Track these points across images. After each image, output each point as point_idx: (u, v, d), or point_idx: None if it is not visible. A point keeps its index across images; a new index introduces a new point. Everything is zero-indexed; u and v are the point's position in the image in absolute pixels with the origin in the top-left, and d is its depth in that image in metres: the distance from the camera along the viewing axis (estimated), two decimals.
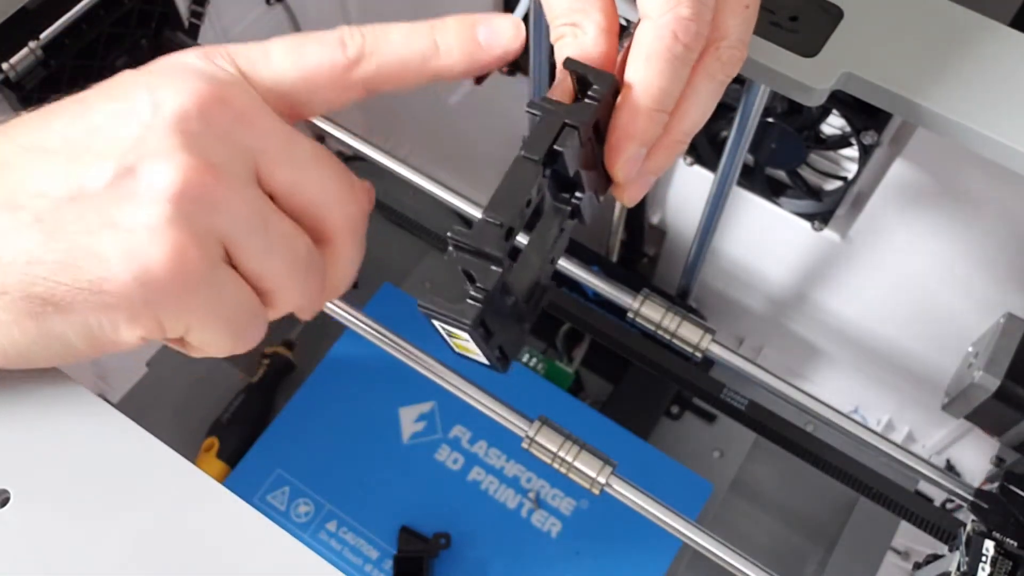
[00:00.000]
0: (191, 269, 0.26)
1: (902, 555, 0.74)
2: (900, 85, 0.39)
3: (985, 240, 0.60)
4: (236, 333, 0.29)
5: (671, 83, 0.32)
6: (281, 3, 0.74)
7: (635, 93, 0.32)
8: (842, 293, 0.73)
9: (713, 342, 0.44)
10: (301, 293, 0.30)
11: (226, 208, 0.27)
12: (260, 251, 0.28)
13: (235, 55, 0.30)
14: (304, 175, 0.29)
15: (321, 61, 0.30)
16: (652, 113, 0.32)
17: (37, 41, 0.48)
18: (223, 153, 0.27)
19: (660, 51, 0.31)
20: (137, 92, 0.28)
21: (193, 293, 0.27)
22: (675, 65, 0.31)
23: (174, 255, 0.26)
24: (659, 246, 0.81)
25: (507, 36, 0.31)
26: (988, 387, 0.44)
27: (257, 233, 0.28)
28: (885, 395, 0.79)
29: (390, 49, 0.30)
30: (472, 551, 0.67)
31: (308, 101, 0.30)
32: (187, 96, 0.27)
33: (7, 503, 0.30)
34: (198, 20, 0.63)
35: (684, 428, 0.80)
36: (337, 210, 0.30)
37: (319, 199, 0.29)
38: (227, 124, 0.27)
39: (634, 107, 0.31)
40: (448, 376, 0.42)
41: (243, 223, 0.27)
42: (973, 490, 0.44)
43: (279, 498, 0.69)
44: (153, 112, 0.27)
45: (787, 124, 0.60)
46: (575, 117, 0.30)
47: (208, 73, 0.29)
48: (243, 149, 0.28)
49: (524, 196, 0.29)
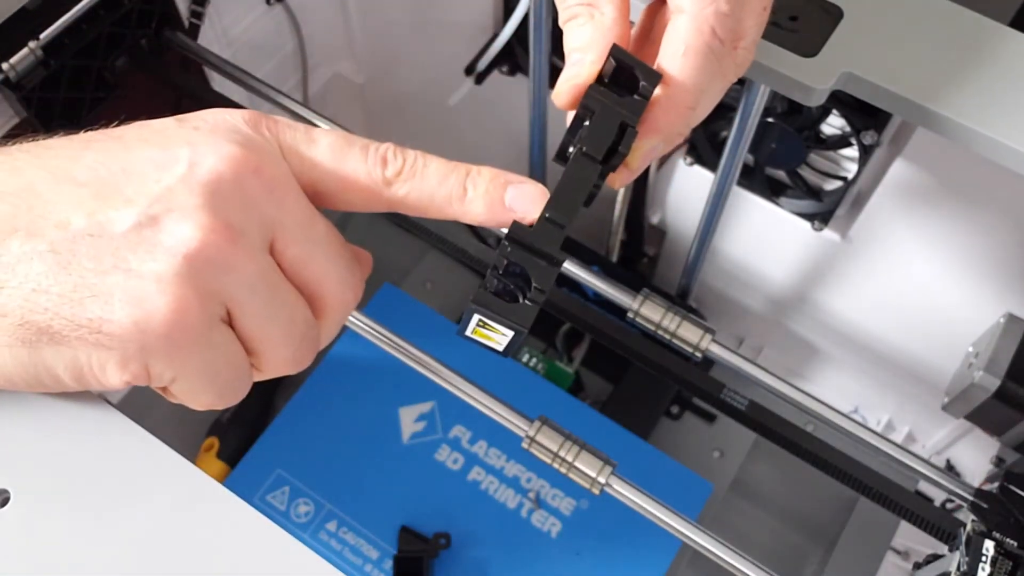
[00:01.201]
0: (190, 325, 0.27)
1: (902, 555, 0.74)
2: (900, 85, 0.39)
3: (985, 240, 0.60)
4: (220, 390, 0.30)
5: (707, 80, 0.32)
6: (281, 3, 0.74)
7: (672, 89, 0.31)
8: (842, 293, 0.73)
9: (713, 342, 0.44)
10: (291, 359, 0.30)
11: (237, 271, 0.27)
12: (261, 315, 0.29)
13: (281, 130, 0.30)
14: (315, 254, 0.29)
15: (359, 170, 0.30)
16: (686, 111, 0.32)
17: (37, 41, 0.48)
18: (245, 219, 0.28)
19: (699, 46, 0.31)
20: (178, 145, 0.29)
21: (187, 348, 0.27)
22: (711, 61, 0.31)
23: (177, 308, 0.27)
24: (659, 246, 0.81)
25: (531, 205, 0.31)
26: (988, 387, 0.44)
27: (262, 298, 0.28)
28: (885, 395, 0.79)
29: (424, 183, 0.31)
30: (472, 551, 0.67)
31: (333, 195, 0.31)
32: (225, 160, 0.28)
33: (7, 503, 0.30)
34: (198, 20, 0.63)
35: (684, 428, 0.79)
36: (337, 292, 0.30)
37: (323, 279, 0.30)
38: (256, 193, 0.28)
39: (671, 103, 0.32)
40: (448, 376, 0.42)
41: (250, 287, 0.28)
42: (973, 490, 0.44)
43: (279, 498, 0.69)
44: (189, 168, 0.28)
45: (787, 124, 0.60)
46: (631, 117, 0.30)
47: (250, 140, 0.29)
48: (265, 219, 0.28)
49: (583, 195, 0.29)
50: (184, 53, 0.59)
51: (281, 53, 0.78)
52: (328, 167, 0.30)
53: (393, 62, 0.86)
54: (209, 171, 0.28)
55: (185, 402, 0.30)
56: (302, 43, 0.79)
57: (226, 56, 0.66)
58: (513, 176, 0.31)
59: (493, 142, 0.85)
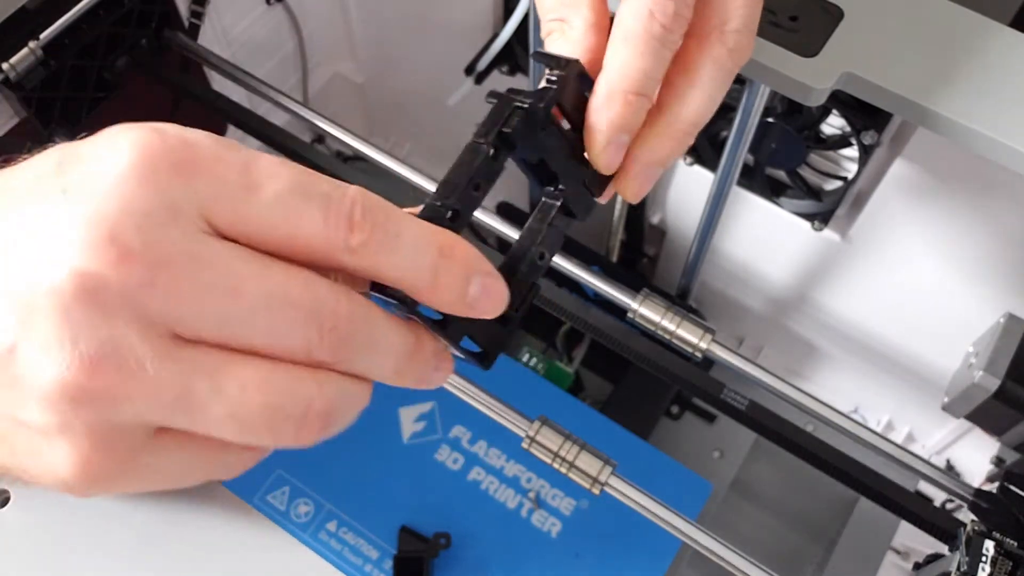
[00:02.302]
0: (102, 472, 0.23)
1: (902, 555, 0.73)
2: (900, 85, 0.39)
3: (985, 240, 0.60)
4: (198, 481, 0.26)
5: (649, 64, 0.31)
6: (281, 3, 0.74)
7: (610, 75, 0.31)
8: (842, 293, 0.73)
9: (713, 342, 0.44)
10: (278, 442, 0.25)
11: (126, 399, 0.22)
12: (192, 426, 0.23)
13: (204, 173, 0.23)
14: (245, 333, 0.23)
15: (315, 232, 0.24)
16: (629, 96, 0.30)
17: (37, 41, 0.48)
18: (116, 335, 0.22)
19: (637, 31, 0.30)
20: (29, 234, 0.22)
21: (120, 484, 0.24)
22: (653, 46, 0.30)
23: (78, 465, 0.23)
24: (659, 246, 0.81)
25: (490, 305, 0.26)
26: (988, 387, 0.44)
27: (179, 413, 0.23)
28: (885, 395, 0.79)
29: (393, 259, 0.25)
30: (472, 551, 0.67)
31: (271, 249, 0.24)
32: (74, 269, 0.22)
33: (7, 503, 0.30)
34: (198, 20, 0.63)
35: (684, 428, 0.79)
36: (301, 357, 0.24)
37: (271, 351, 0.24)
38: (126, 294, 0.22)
39: (610, 89, 0.31)
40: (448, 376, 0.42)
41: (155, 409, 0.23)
42: (973, 490, 0.44)
43: (279, 498, 0.68)
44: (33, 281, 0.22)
45: (787, 124, 0.60)
46: (526, 100, 0.29)
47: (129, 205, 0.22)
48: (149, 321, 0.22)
49: (467, 177, 0.27)
50: (184, 53, 0.59)
51: (281, 53, 0.78)
52: (272, 225, 0.23)
53: (393, 62, 0.86)
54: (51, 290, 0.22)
55: None
56: (302, 43, 0.79)
57: (226, 56, 0.66)
58: (482, 264, 0.26)
59: None
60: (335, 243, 0.24)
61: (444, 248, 0.25)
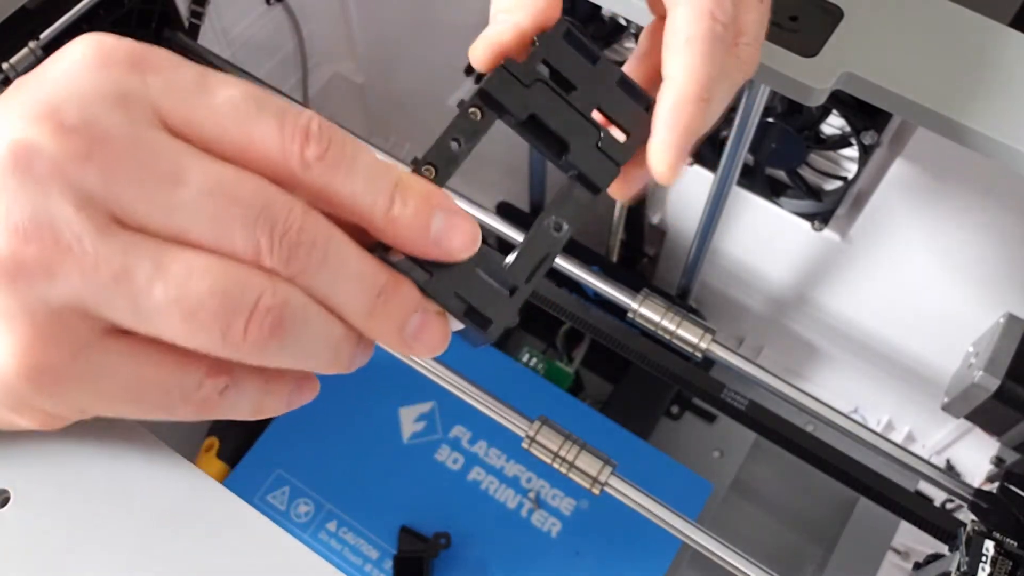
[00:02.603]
0: (44, 363, 0.22)
1: (902, 555, 0.74)
2: (900, 85, 0.39)
3: (985, 240, 0.60)
4: (156, 408, 0.24)
5: (713, 67, 0.30)
6: (281, 3, 0.74)
7: (678, 81, 0.30)
8: (842, 293, 0.73)
9: (713, 342, 0.44)
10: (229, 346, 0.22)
11: (63, 276, 0.21)
12: (134, 315, 0.22)
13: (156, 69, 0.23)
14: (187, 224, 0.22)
15: (269, 141, 0.23)
16: (699, 102, 0.30)
17: (37, 41, 0.48)
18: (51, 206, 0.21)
19: (702, 33, 0.29)
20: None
21: (64, 385, 0.23)
22: (716, 47, 0.30)
23: (19, 353, 0.22)
24: (659, 246, 0.81)
25: (460, 242, 0.25)
26: (988, 387, 0.44)
27: (118, 296, 0.22)
28: (885, 395, 0.79)
29: (349, 179, 0.24)
30: (472, 551, 0.67)
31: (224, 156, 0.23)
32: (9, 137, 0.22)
33: (7, 503, 0.30)
34: (198, 20, 0.63)
35: (684, 428, 0.79)
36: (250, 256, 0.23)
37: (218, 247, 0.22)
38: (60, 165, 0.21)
39: (680, 96, 0.29)
40: (448, 376, 0.42)
41: (93, 289, 0.21)
42: (973, 490, 0.44)
43: (279, 498, 0.69)
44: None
45: (787, 124, 0.60)
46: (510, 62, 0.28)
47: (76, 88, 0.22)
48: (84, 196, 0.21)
49: (447, 134, 0.27)
50: (184, 53, 0.59)
51: (281, 53, 0.78)
52: (223, 127, 0.23)
53: (393, 62, 0.86)
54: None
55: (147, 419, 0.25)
56: (302, 43, 0.79)
57: (226, 56, 0.66)
58: (444, 199, 0.25)
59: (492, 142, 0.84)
60: (290, 154, 0.23)
61: (402, 178, 0.24)
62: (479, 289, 0.26)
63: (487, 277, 0.27)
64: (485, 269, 0.27)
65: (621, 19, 0.64)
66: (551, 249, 0.28)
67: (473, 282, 0.26)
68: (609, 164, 0.30)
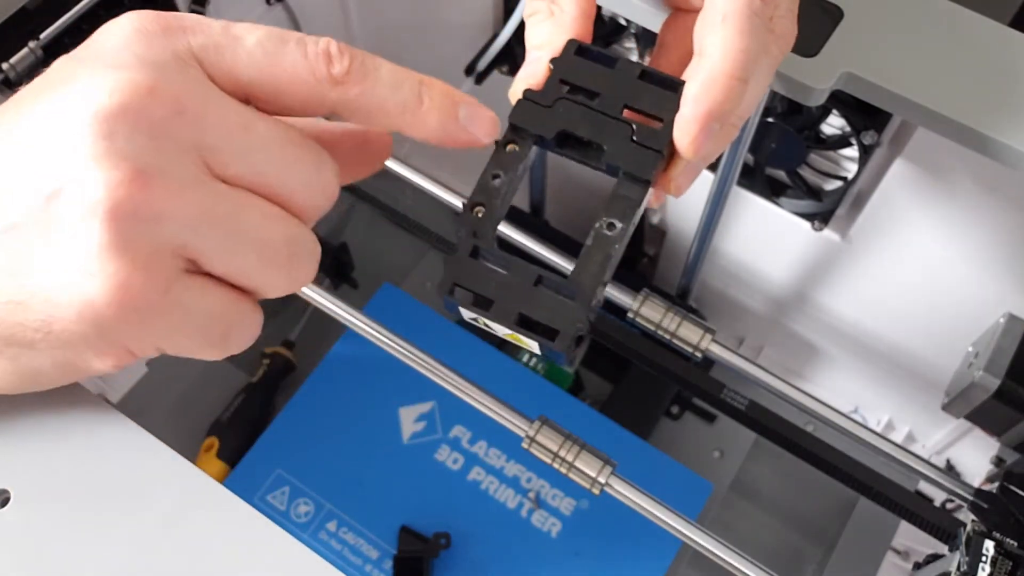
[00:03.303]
0: (140, 297, 0.24)
1: (902, 555, 0.74)
2: (900, 85, 0.39)
3: (985, 240, 0.60)
4: (217, 341, 0.27)
5: (752, 44, 0.29)
6: (281, 3, 0.74)
7: (712, 57, 0.29)
8: (842, 293, 0.73)
9: (713, 342, 0.44)
10: (286, 281, 0.27)
11: (170, 217, 0.24)
12: (224, 252, 0.25)
13: (192, 30, 0.26)
14: (262, 164, 0.26)
15: (299, 67, 0.26)
16: (732, 81, 0.28)
17: (37, 41, 0.48)
18: (158, 153, 0.24)
19: (739, 8, 0.29)
20: (62, 91, 0.25)
21: (151, 319, 0.25)
22: (755, 23, 0.29)
23: (117, 287, 0.24)
24: (659, 246, 0.81)
25: (484, 128, 0.29)
26: (988, 387, 0.44)
27: (214, 235, 0.25)
28: (885, 395, 0.79)
29: (377, 87, 0.27)
30: (472, 551, 0.67)
31: (266, 100, 0.27)
32: (111, 93, 0.24)
33: (7, 503, 0.30)
34: None
35: (684, 428, 0.79)
36: (303, 199, 0.27)
37: (282, 188, 0.26)
38: (160, 119, 0.24)
39: (712, 73, 0.28)
40: (448, 376, 0.42)
41: (194, 229, 0.24)
42: (973, 490, 0.44)
43: (279, 498, 0.69)
44: (75, 116, 0.24)
45: (787, 124, 0.60)
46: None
47: (140, 58, 0.25)
48: (184, 145, 0.25)
49: (486, 172, 0.29)
50: None
51: None
52: (259, 69, 0.26)
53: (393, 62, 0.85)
54: (95, 112, 0.24)
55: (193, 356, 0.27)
56: None
57: None
58: (464, 95, 0.29)
59: None
60: (319, 75, 0.27)
61: (424, 79, 0.28)
62: (543, 304, 0.28)
63: (550, 292, 0.28)
64: (548, 286, 0.28)
65: (621, 19, 0.64)
66: (609, 249, 0.29)
67: (535, 299, 0.28)
68: (649, 154, 0.30)
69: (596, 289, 0.28)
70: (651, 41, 0.62)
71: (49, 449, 0.31)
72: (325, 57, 0.27)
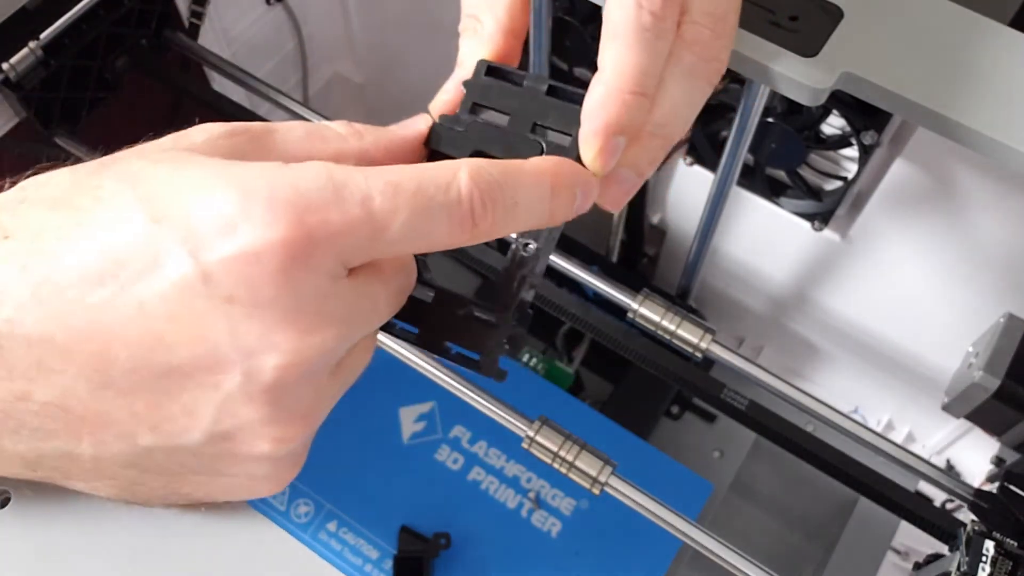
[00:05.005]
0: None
1: (902, 555, 0.74)
2: (900, 85, 0.39)
3: (985, 240, 0.60)
4: None
5: (643, 59, 0.29)
6: (281, 3, 0.74)
7: (605, 73, 0.29)
8: (842, 293, 0.73)
9: (713, 342, 0.44)
10: None
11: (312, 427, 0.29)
12: None
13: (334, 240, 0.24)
14: None
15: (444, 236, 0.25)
16: (625, 95, 0.29)
17: (37, 41, 0.48)
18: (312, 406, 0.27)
19: (627, 24, 0.29)
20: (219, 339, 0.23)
21: None
22: (645, 37, 0.29)
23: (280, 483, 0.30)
24: (659, 246, 0.81)
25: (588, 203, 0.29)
26: (988, 387, 0.44)
27: None
28: (885, 395, 0.79)
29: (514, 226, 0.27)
30: (472, 551, 0.67)
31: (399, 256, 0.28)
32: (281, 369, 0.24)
33: (7, 503, 0.30)
34: (198, 20, 0.63)
35: (684, 428, 0.79)
36: None
37: None
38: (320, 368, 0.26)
39: (606, 89, 0.29)
40: (448, 376, 0.42)
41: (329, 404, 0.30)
42: (973, 490, 0.44)
43: (279, 498, 0.68)
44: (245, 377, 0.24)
45: (787, 124, 0.60)
46: None
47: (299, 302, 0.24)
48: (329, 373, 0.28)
49: None
50: (184, 53, 0.59)
51: (281, 53, 0.78)
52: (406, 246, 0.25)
53: (393, 62, 0.86)
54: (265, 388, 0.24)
55: None
56: (302, 43, 0.79)
57: (226, 56, 0.66)
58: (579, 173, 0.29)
59: None
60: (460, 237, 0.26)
61: (555, 187, 0.28)
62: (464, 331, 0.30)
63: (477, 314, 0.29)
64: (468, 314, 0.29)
65: None
66: (526, 271, 0.30)
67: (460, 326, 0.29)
68: None
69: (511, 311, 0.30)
70: None
71: None
72: (471, 221, 0.26)
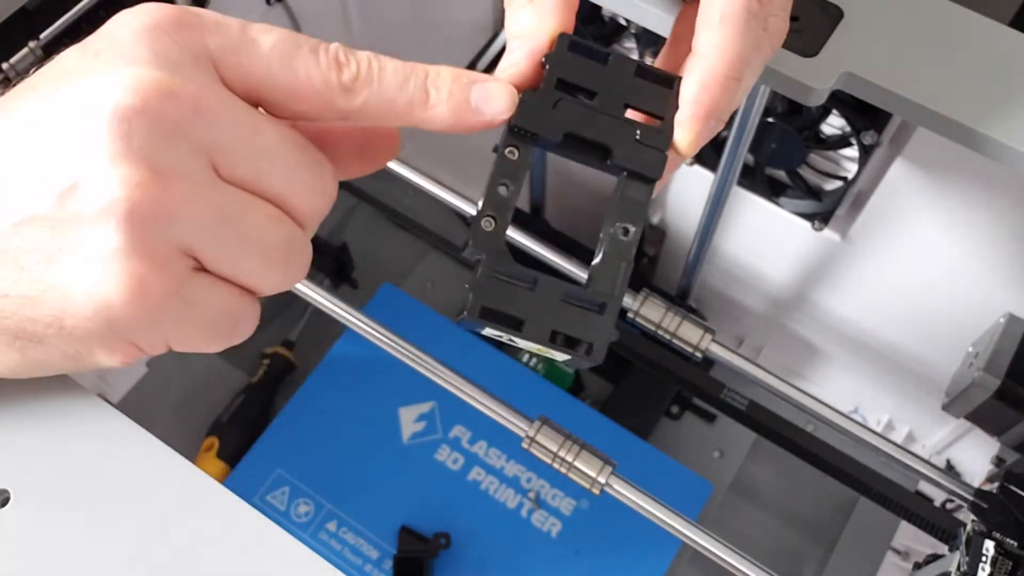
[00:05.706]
0: (154, 296, 0.24)
1: (902, 555, 0.74)
2: (900, 85, 0.39)
3: (985, 240, 0.60)
4: (222, 336, 0.27)
5: (746, 45, 0.29)
6: (281, 3, 0.74)
7: (709, 58, 0.29)
8: (842, 293, 0.73)
9: (713, 342, 0.44)
10: (282, 280, 0.27)
11: (184, 217, 0.24)
12: (230, 253, 0.26)
13: (209, 29, 0.26)
14: (266, 168, 0.26)
15: (312, 75, 0.26)
16: (728, 81, 0.29)
17: (37, 41, 0.48)
18: (173, 154, 0.24)
19: (736, 9, 0.29)
20: (80, 84, 0.25)
21: (164, 318, 0.25)
22: (751, 25, 0.29)
23: (134, 287, 0.24)
24: (659, 246, 0.81)
25: (499, 105, 0.28)
26: (988, 387, 0.44)
27: (223, 236, 0.25)
28: (885, 395, 0.79)
29: (383, 89, 0.27)
30: (472, 551, 0.67)
31: (278, 104, 0.27)
32: (130, 91, 0.24)
33: (7, 503, 0.30)
34: None
35: (684, 428, 0.80)
36: (304, 203, 0.27)
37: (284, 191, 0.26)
38: (176, 120, 0.24)
39: (709, 73, 0.29)
40: (448, 376, 0.42)
41: (205, 229, 0.25)
42: (973, 490, 0.44)
43: (279, 498, 0.69)
44: (93, 112, 0.24)
45: (787, 124, 0.60)
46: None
47: (158, 56, 0.25)
48: (197, 145, 0.25)
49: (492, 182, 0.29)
50: None
51: None
52: (273, 72, 0.26)
53: None
54: (112, 110, 0.24)
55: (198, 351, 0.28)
56: None
57: None
58: (476, 74, 0.28)
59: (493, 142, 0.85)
60: (330, 83, 0.26)
61: (429, 70, 0.28)
62: (573, 320, 0.28)
63: (575, 304, 0.28)
64: (570, 299, 0.28)
65: (621, 19, 0.64)
66: (626, 256, 0.29)
67: (565, 315, 0.28)
68: (655, 153, 0.30)
69: (622, 297, 0.29)
70: (651, 41, 0.62)
71: (49, 449, 0.31)
72: (336, 64, 0.27)
